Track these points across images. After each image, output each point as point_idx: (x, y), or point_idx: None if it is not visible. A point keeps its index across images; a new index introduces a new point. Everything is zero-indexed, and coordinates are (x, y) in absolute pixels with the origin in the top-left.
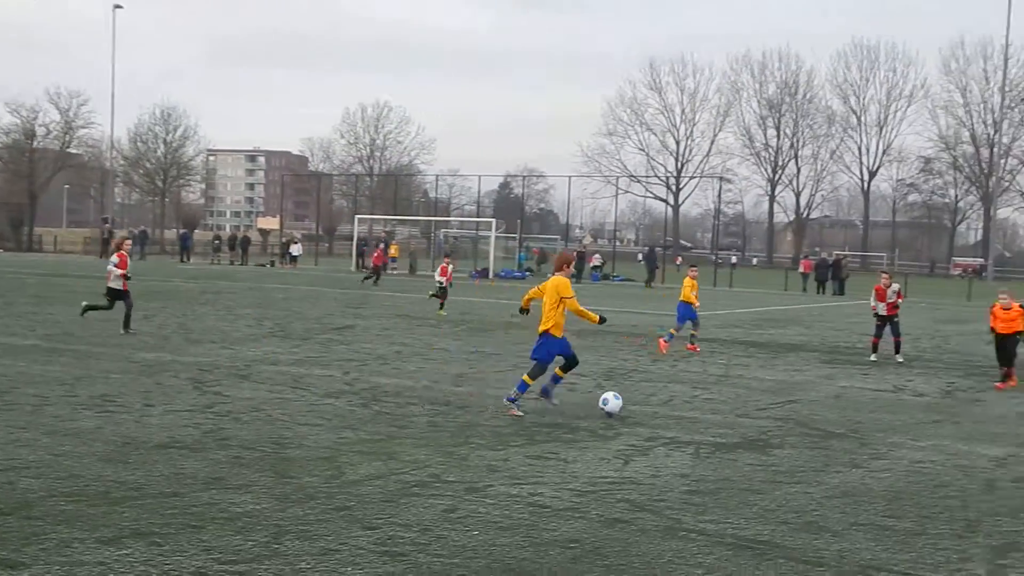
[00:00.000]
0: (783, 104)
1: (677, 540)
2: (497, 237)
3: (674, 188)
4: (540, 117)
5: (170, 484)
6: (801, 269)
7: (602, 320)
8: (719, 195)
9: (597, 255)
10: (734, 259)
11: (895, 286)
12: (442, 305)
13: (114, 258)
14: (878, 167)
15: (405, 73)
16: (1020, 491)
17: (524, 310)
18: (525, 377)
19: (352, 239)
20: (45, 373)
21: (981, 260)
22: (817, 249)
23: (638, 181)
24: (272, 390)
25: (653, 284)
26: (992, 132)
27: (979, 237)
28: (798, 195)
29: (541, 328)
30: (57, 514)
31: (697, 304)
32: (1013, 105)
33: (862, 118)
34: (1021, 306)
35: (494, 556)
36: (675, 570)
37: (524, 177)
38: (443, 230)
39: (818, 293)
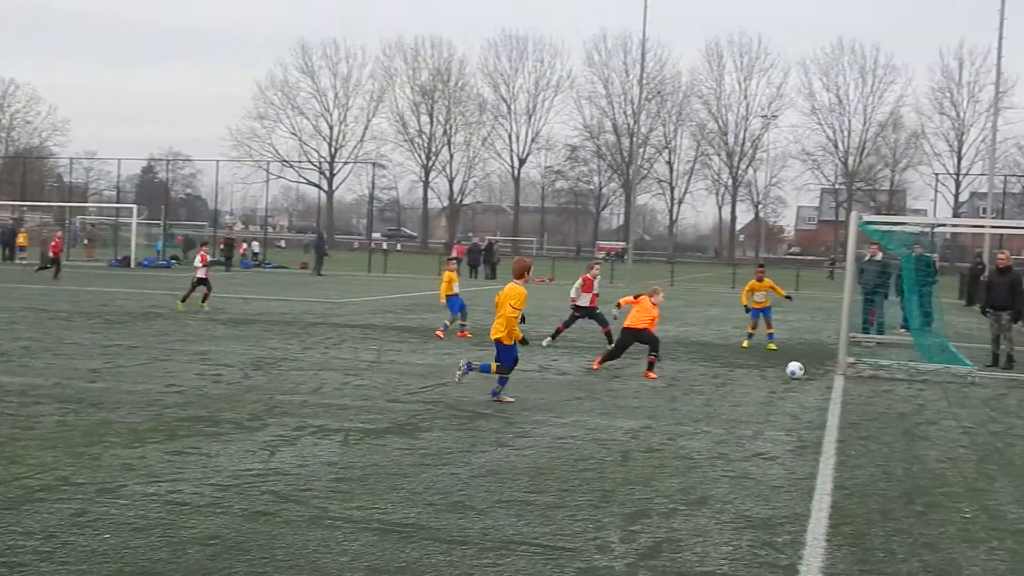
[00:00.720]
0: (436, 91)
1: (323, 529)
2: (139, 224)
3: (328, 174)
4: (186, 98)
5: None
6: (454, 254)
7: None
8: (373, 181)
9: (255, 242)
10: (399, 246)
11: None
12: (205, 297)
13: None
14: (528, 154)
15: (35, 48)
16: (651, 461)
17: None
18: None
19: None
20: None
21: (623, 243)
22: (470, 234)
23: (291, 166)
24: None
25: (323, 272)
26: (632, 122)
27: (621, 222)
28: (451, 181)
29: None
30: None
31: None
32: (650, 98)
33: (512, 106)
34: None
35: (127, 559)
36: (320, 559)
37: (169, 161)
38: (79, 217)
39: (471, 277)
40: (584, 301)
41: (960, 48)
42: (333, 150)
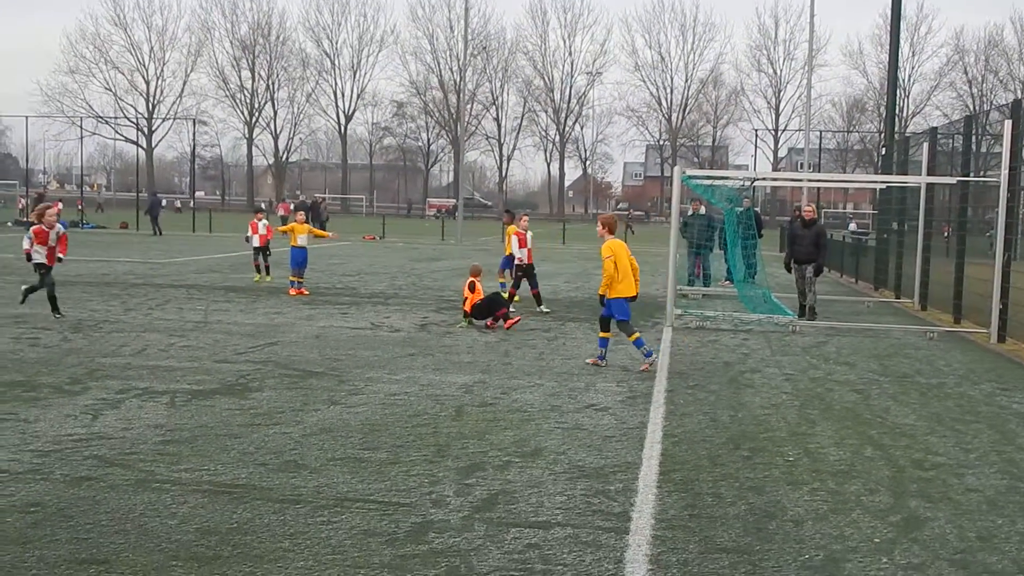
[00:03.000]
0: (256, 45)
1: (150, 492)
2: None
3: (146, 130)
4: None
5: None
6: (280, 212)
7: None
8: (194, 138)
9: (60, 202)
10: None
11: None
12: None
13: None
14: (354, 111)
15: None
16: (485, 415)
17: None
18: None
19: None
20: None
21: (453, 201)
22: (297, 192)
23: (106, 123)
24: None
25: (162, 233)
26: (458, 79)
27: (451, 179)
28: (276, 138)
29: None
30: None
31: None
32: (476, 53)
33: (336, 62)
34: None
35: None
36: (148, 522)
37: None
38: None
39: None
40: (523, 257)
41: (775, 6)
42: (151, 106)
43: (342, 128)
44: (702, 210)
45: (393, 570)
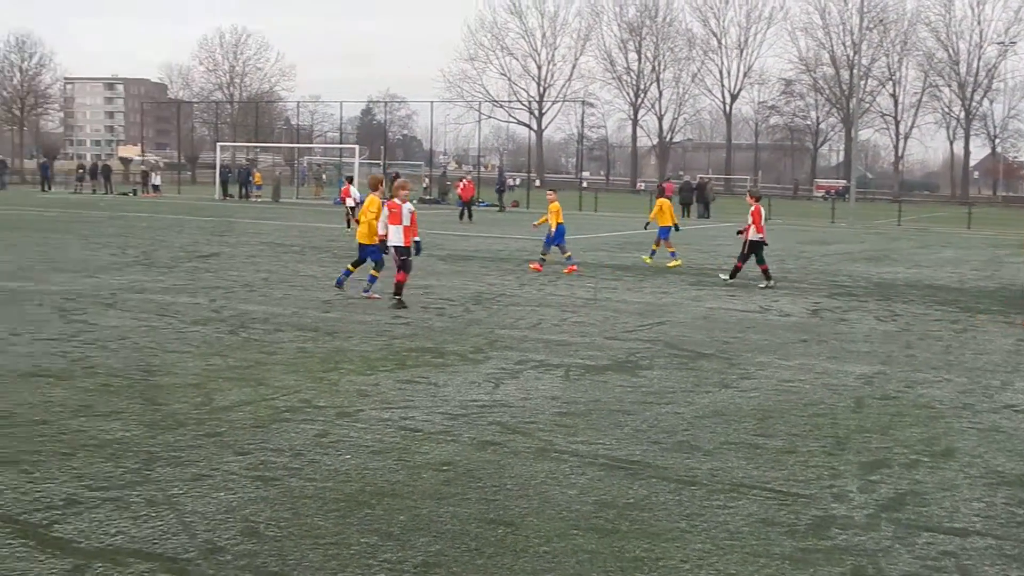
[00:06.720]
0: (643, 27)
1: (549, 461)
2: (360, 164)
3: (537, 113)
4: (401, 42)
5: (38, 412)
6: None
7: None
8: (582, 119)
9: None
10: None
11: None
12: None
13: None
14: (740, 90)
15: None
16: (887, 408)
17: None
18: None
19: (215, 167)
20: None
21: (844, 182)
22: (681, 172)
23: (501, 106)
24: (138, 318)
25: (503, 209)
26: (851, 54)
27: (841, 159)
28: (660, 118)
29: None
30: None
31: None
32: (871, 26)
33: (723, 41)
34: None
35: (367, 479)
36: (548, 490)
37: (386, 103)
38: (306, 157)
39: (683, 216)
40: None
41: None
42: (542, 89)
43: (727, 108)
44: None
45: (795, 563)
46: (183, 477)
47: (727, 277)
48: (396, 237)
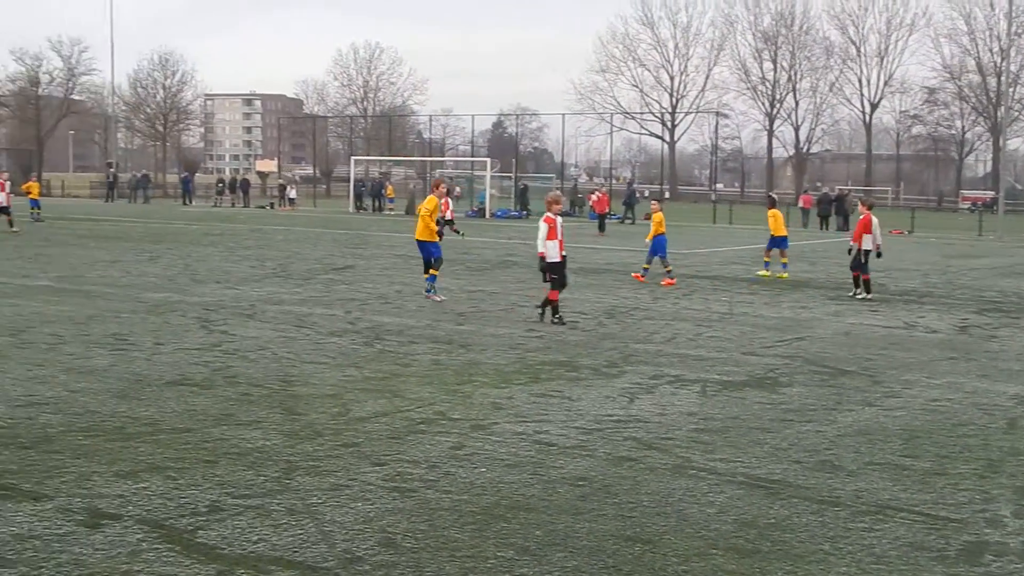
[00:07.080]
0: (779, 36)
1: (687, 478)
2: (492, 176)
3: (669, 124)
4: (533, 55)
5: (182, 420)
6: (801, 204)
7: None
8: (716, 131)
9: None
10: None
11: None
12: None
13: None
14: (880, 99)
15: (397, 13)
16: None
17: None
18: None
19: (349, 180)
20: (58, 313)
21: (991, 193)
22: (818, 184)
23: (632, 118)
24: (277, 329)
25: (634, 222)
26: (999, 60)
27: (988, 169)
28: (797, 129)
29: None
30: (76, 448)
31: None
32: (1021, 31)
33: (862, 49)
34: None
35: (502, 493)
36: (686, 508)
37: (517, 116)
38: (439, 170)
39: (821, 229)
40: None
41: None
42: (674, 100)
43: (867, 117)
44: None
45: None
46: (322, 487)
47: (865, 293)
48: (554, 253)
